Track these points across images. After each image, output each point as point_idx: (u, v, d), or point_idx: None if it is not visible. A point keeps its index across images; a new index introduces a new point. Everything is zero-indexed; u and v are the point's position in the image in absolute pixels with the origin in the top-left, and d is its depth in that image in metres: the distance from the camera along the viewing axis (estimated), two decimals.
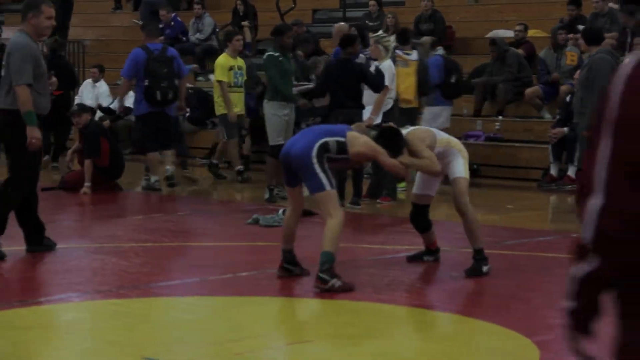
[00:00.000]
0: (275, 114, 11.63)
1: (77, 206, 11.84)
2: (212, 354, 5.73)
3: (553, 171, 13.34)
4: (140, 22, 20.68)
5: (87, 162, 12.39)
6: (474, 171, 14.20)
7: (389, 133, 7.45)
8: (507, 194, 12.96)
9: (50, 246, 8.55)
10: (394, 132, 7.47)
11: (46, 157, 14.85)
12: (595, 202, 2.08)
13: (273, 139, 11.60)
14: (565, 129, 13.30)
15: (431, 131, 7.77)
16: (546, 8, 17.50)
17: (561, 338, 5.90)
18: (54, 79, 9.70)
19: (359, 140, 7.15)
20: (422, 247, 8.09)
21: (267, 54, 11.92)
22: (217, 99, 13.40)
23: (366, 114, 11.28)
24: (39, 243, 8.48)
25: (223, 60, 13.25)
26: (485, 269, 7.61)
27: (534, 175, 13.71)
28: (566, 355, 5.64)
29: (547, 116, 14.69)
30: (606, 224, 2.04)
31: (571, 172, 13.23)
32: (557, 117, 13.54)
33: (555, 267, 8.25)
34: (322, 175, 6.95)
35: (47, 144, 14.33)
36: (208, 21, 19.12)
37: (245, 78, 13.46)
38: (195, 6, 19.26)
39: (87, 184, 12.35)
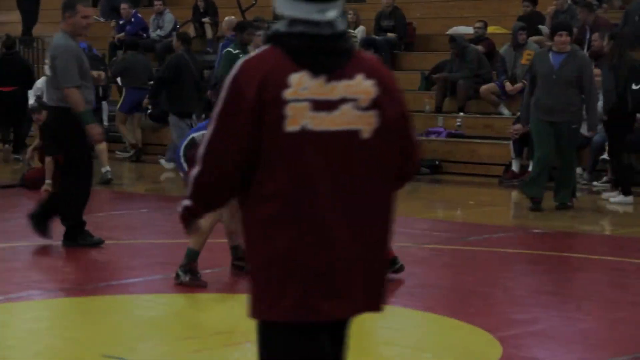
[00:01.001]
0: None
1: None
2: (172, 351, 5.71)
3: (514, 167, 13.41)
4: (101, 19, 20.57)
5: (48, 160, 12.26)
6: (435, 167, 14.33)
7: None
8: (468, 189, 13.02)
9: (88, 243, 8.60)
10: None
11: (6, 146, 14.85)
12: (195, 170, 3.16)
13: None
14: (528, 126, 13.35)
15: None
16: (505, 5, 17.59)
17: (523, 334, 5.95)
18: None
19: None
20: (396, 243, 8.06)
21: (225, 50, 11.91)
22: None
23: None
24: (74, 238, 8.56)
25: (234, 54, 12.50)
26: None
27: (495, 171, 13.77)
28: (528, 351, 5.71)
29: (506, 112, 14.77)
30: (199, 182, 3.17)
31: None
32: (518, 113, 13.61)
33: (515, 263, 8.31)
34: None
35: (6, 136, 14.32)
36: (168, 18, 19.02)
37: None
38: (156, 2, 19.15)
39: (47, 181, 12.21)
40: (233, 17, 16.18)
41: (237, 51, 11.65)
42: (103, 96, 12.90)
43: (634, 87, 11.42)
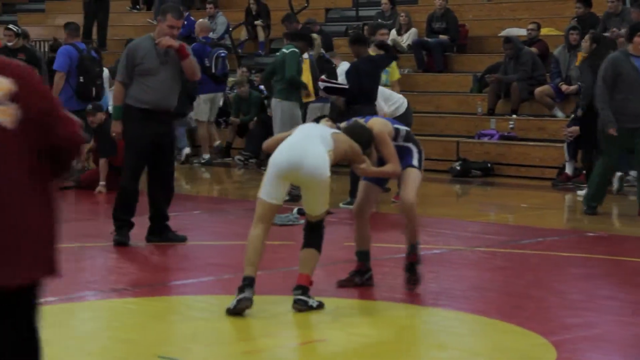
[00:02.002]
0: (291, 115, 11.65)
1: (92, 205, 11.87)
2: (225, 352, 5.74)
3: (568, 170, 13.30)
4: (154, 21, 20.74)
5: (102, 162, 12.42)
6: (487, 170, 14.26)
7: (358, 128, 6.90)
8: (521, 192, 12.93)
9: (171, 238, 8.94)
10: (362, 127, 6.92)
11: None
12: None
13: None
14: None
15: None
16: (559, 6, 17.45)
17: (578, 338, 5.89)
18: None
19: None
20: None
21: (290, 49, 11.84)
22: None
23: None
24: (157, 234, 8.92)
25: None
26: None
27: (549, 174, 13.68)
28: (583, 355, 5.65)
29: (560, 115, 14.66)
30: None
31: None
32: (572, 115, 13.50)
33: (569, 267, 8.24)
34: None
35: None
36: (221, 20, 19.13)
37: (397, 76, 12.71)
38: (208, 5, 19.28)
39: (102, 182, 12.38)
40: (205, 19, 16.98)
41: (298, 51, 11.75)
42: (96, 96, 13.23)
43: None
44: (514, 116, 15.08)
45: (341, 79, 11.66)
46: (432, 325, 6.50)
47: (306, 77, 12.97)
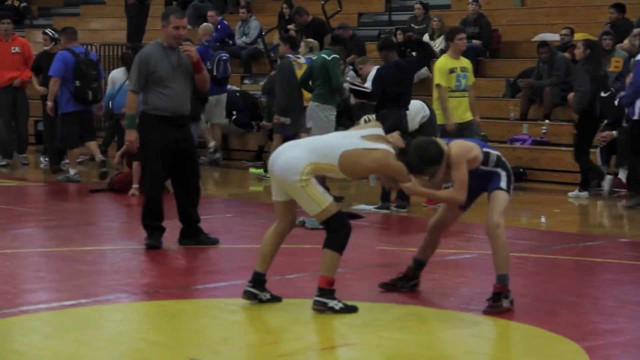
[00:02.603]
0: (328, 118, 11.71)
1: (125, 208, 11.94)
2: (256, 355, 5.76)
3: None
4: (189, 26, 20.82)
5: (136, 164, 12.48)
6: (519, 174, 14.20)
7: (424, 143, 6.63)
8: (554, 198, 12.86)
9: (203, 241, 9.02)
10: (429, 143, 6.65)
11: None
12: None
13: None
14: (615, 132, 13.18)
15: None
16: (592, 12, 17.36)
17: (611, 344, 5.87)
18: None
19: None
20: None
21: (332, 56, 11.90)
22: (437, 107, 11.88)
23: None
24: (189, 237, 9.00)
25: (442, 61, 11.97)
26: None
27: (571, 178, 13.59)
28: None
29: None
30: None
31: (621, 175, 13.10)
32: (606, 120, 13.41)
33: (602, 273, 8.19)
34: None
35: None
36: (254, 24, 19.20)
37: (472, 80, 12.15)
38: (241, 10, 19.34)
39: (135, 185, 12.45)
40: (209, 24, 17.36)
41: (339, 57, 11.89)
42: (93, 99, 13.52)
43: (602, 94, 12.49)
44: (547, 121, 15.01)
45: (369, 84, 11.70)
46: (464, 330, 6.48)
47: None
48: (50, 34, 15.08)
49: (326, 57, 11.89)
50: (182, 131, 8.87)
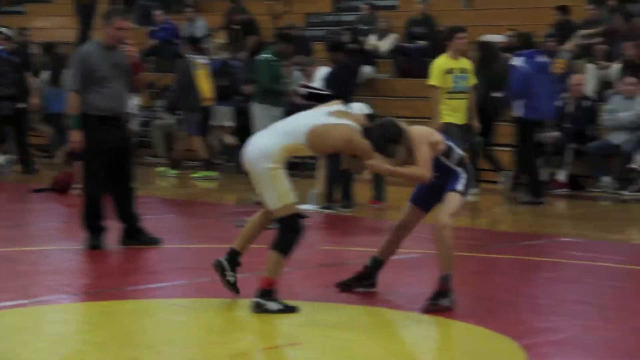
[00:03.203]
0: (265, 114, 11.74)
1: (67, 207, 11.87)
2: (198, 356, 5.75)
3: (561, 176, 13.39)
4: (136, 26, 20.72)
5: (77, 164, 12.41)
6: None
7: (385, 123, 6.60)
8: (494, 197, 12.98)
9: (146, 241, 8.99)
10: (390, 124, 6.61)
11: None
12: None
13: None
14: (558, 133, 13.36)
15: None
16: (537, 14, 17.53)
17: (548, 342, 5.94)
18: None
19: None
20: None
21: (263, 56, 12.02)
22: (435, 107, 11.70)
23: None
24: (131, 237, 8.98)
25: (440, 61, 11.80)
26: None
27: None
28: (551, 359, 5.70)
29: None
30: None
31: (562, 176, 13.29)
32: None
33: (539, 271, 8.30)
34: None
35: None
36: (200, 24, 19.14)
37: (473, 81, 11.90)
38: (187, 9, 19.29)
39: (78, 185, 12.37)
40: None
41: (274, 58, 11.86)
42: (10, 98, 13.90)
43: (493, 94, 12.81)
44: None
45: (318, 84, 11.73)
46: (406, 328, 6.54)
47: (203, 83, 13.47)
48: (6, 32, 15.19)
49: (261, 58, 12.09)
50: (121, 130, 8.86)
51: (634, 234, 10.76)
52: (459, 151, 6.87)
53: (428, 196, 6.91)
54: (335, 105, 6.81)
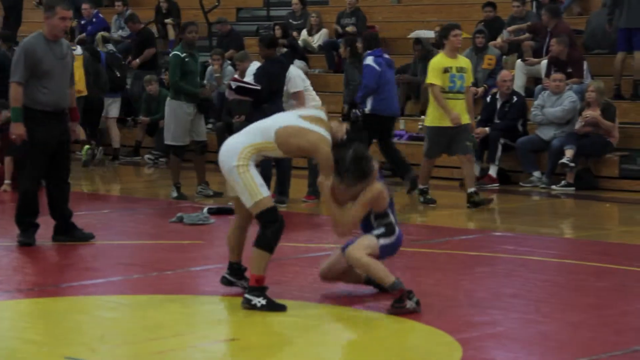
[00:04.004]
0: (180, 112, 11.64)
1: None
2: (133, 352, 5.70)
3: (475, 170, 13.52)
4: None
5: (8, 160, 12.25)
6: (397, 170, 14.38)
7: (365, 160, 6.61)
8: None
9: (78, 237, 8.87)
10: (368, 162, 6.63)
11: None
12: None
13: (177, 138, 11.59)
14: (487, 129, 13.50)
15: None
16: (466, 10, 17.71)
17: (484, 336, 6.00)
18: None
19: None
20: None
21: (172, 53, 11.94)
22: (432, 108, 11.45)
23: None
24: (63, 233, 8.84)
25: (437, 60, 11.52)
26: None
27: (456, 174, 13.85)
28: (488, 353, 5.75)
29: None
30: None
31: (492, 171, 13.43)
32: (479, 117, 13.72)
33: (475, 266, 8.37)
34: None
35: None
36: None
37: (470, 81, 11.60)
38: (117, 3, 19.09)
39: (7, 181, 12.21)
40: None
41: (184, 54, 11.65)
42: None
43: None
44: (423, 117, 15.22)
45: (249, 79, 11.69)
46: (343, 323, 6.55)
47: (78, 74, 13.50)
48: None
49: (172, 54, 12.03)
50: (62, 125, 8.73)
51: (565, 228, 10.91)
52: (392, 216, 6.84)
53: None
54: (312, 110, 6.86)
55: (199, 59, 12.46)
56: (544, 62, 14.29)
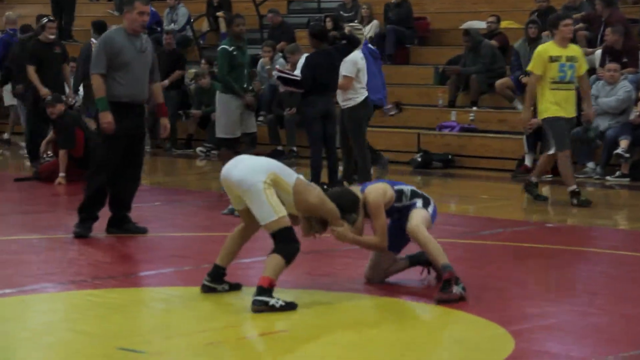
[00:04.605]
0: (230, 105, 11.63)
1: (51, 197, 11.80)
2: (185, 344, 5.73)
3: (527, 161, 13.42)
4: (115, 13, 20.63)
5: (62, 153, 12.36)
6: (448, 161, 14.33)
7: (340, 192, 6.87)
8: (481, 184, 13.01)
9: (132, 230, 8.97)
10: (345, 191, 6.88)
11: None
12: None
13: (228, 130, 11.55)
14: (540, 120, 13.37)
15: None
16: (519, 0, 17.55)
17: (536, 328, 5.95)
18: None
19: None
20: None
21: (220, 46, 11.90)
22: (540, 99, 10.93)
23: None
24: (117, 226, 8.95)
25: (544, 47, 10.99)
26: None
27: (508, 165, 13.78)
28: (540, 345, 5.71)
29: (520, 107, 14.74)
30: None
31: (527, 161, 13.32)
32: (532, 108, 13.57)
33: (528, 257, 8.31)
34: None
35: None
36: (182, 12, 19.07)
37: (584, 69, 11.05)
38: None
39: (61, 174, 12.33)
40: (10, 12, 17.64)
41: (232, 47, 11.61)
42: None
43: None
44: (474, 108, 15.16)
45: (299, 71, 11.70)
46: (392, 315, 6.53)
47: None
48: None
49: (219, 47, 11.96)
50: (138, 119, 8.82)
51: (619, 220, 10.78)
52: (407, 187, 7.00)
53: (397, 239, 7.01)
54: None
55: (249, 52, 12.46)
56: (598, 52, 14.13)
